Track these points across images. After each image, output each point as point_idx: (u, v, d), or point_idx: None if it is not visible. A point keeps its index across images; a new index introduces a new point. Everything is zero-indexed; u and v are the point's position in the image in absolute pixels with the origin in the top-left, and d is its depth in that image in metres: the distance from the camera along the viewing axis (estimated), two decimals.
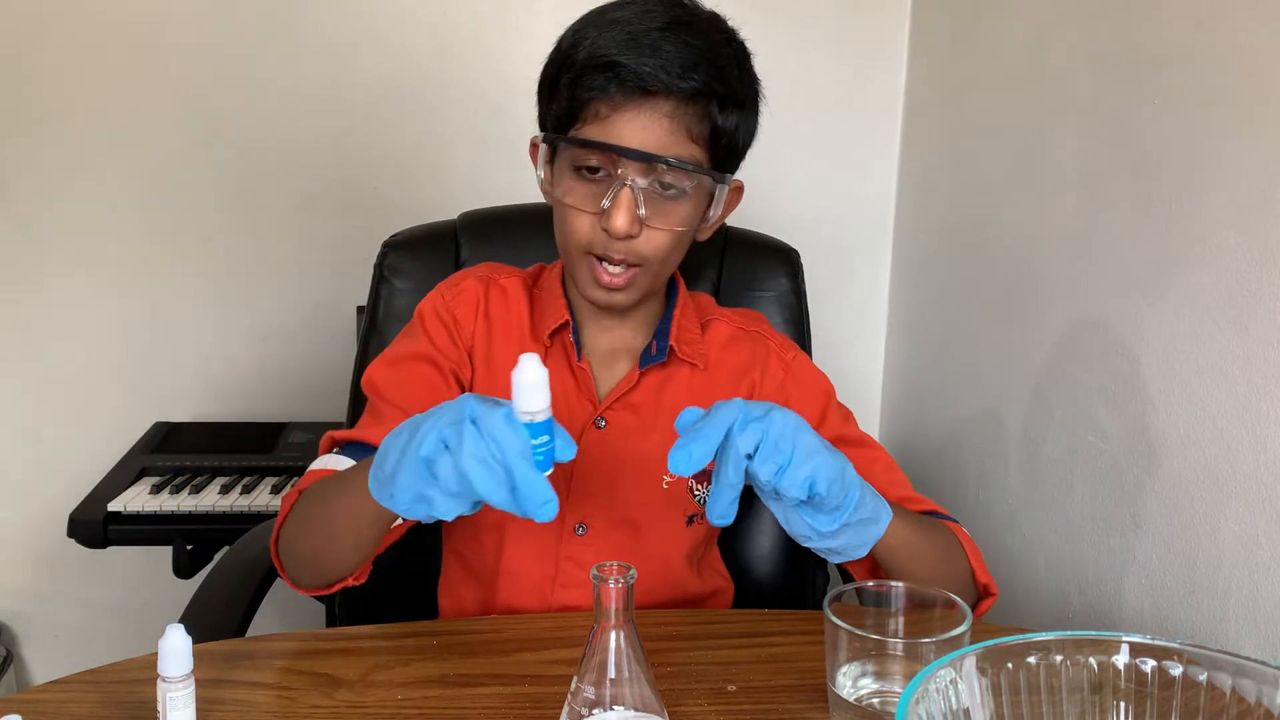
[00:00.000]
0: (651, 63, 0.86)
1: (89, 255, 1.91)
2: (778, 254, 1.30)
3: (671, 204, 0.92)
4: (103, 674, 0.83)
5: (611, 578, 0.66)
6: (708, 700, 0.81)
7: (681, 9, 0.92)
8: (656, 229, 0.92)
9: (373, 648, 0.90)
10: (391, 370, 1.00)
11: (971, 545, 0.98)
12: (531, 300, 1.05)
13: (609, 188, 0.90)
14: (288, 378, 1.98)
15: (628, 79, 0.86)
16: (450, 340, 1.02)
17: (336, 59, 1.85)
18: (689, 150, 0.90)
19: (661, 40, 0.87)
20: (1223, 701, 0.61)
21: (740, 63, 0.95)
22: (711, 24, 0.94)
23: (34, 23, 1.83)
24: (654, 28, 0.88)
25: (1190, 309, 1.12)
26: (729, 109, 0.91)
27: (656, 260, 0.95)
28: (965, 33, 1.72)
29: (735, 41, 0.96)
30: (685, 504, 1.04)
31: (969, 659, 0.62)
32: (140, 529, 1.62)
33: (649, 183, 0.90)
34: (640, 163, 0.88)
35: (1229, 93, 1.07)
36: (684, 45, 0.88)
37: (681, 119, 0.89)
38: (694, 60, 0.87)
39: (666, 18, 0.89)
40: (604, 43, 0.88)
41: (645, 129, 0.88)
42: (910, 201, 1.96)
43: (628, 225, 0.89)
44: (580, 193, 0.92)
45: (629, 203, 0.89)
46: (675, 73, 0.86)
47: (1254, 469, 1.02)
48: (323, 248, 1.93)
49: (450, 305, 1.03)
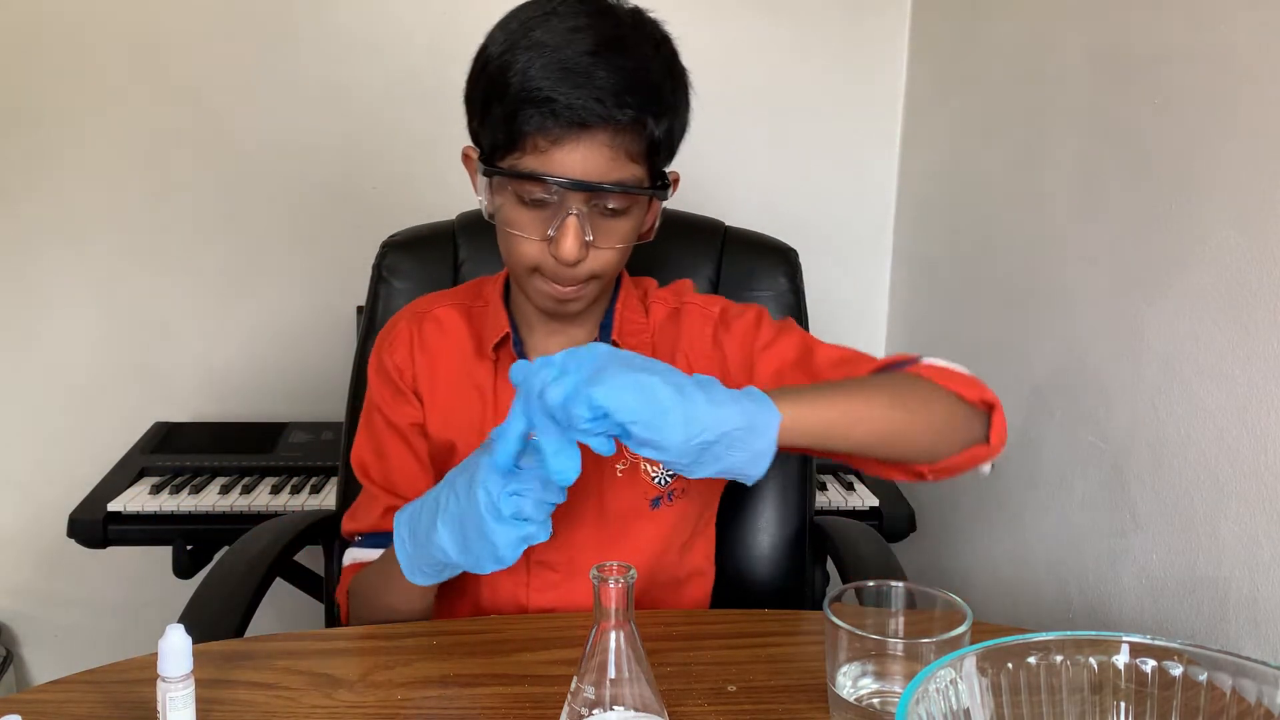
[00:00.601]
0: (585, 95, 0.85)
1: (89, 255, 1.92)
2: (776, 254, 1.30)
3: (617, 222, 0.93)
4: (103, 674, 0.83)
5: (611, 578, 0.66)
6: (708, 700, 0.81)
7: (605, 20, 0.90)
8: (603, 248, 0.93)
9: (373, 648, 0.90)
10: (369, 453, 1.07)
11: (946, 372, 0.91)
12: (472, 318, 1.07)
13: (553, 215, 0.91)
14: (288, 378, 1.98)
15: (563, 114, 0.86)
16: (396, 393, 1.05)
17: (336, 60, 1.85)
18: (630, 171, 0.90)
19: (593, 67, 0.86)
20: (1223, 701, 0.61)
21: (670, 67, 0.94)
22: (638, 32, 0.91)
23: (35, 23, 1.83)
24: (584, 51, 0.86)
25: (1190, 309, 1.12)
26: (663, 120, 0.91)
27: (606, 274, 0.96)
28: (965, 33, 1.72)
29: (662, 44, 0.94)
30: (645, 488, 1.03)
31: (969, 659, 0.62)
32: (140, 529, 1.62)
33: (593, 208, 0.91)
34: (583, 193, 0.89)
35: (1229, 93, 1.07)
36: (615, 71, 0.86)
37: (620, 144, 0.88)
38: (627, 85, 0.87)
39: (595, 38, 0.87)
40: (535, 73, 0.86)
41: (585, 159, 0.88)
42: (910, 201, 1.96)
43: (576, 252, 0.90)
44: (525, 220, 0.92)
45: (575, 230, 0.89)
46: (610, 103, 0.86)
47: (1254, 469, 1.02)
48: (322, 248, 1.94)
49: (385, 357, 1.06)
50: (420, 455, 1.05)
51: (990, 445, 0.90)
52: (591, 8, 0.90)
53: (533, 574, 1.03)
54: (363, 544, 1.06)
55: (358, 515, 1.07)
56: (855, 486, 1.75)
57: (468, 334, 1.06)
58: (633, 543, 1.04)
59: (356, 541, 1.07)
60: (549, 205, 0.91)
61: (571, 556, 1.03)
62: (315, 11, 1.84)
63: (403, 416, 1.05)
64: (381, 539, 1.04)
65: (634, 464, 1.03)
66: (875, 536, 1.28)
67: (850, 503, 1.69)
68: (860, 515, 1.69)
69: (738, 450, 0.73)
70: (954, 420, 0.88)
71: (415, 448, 1.05)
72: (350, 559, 1.06)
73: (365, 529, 1.06)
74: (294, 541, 1.27)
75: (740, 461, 0.74)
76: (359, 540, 1.07)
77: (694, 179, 1.95)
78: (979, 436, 0.91)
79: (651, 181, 0.94)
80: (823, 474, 1.79)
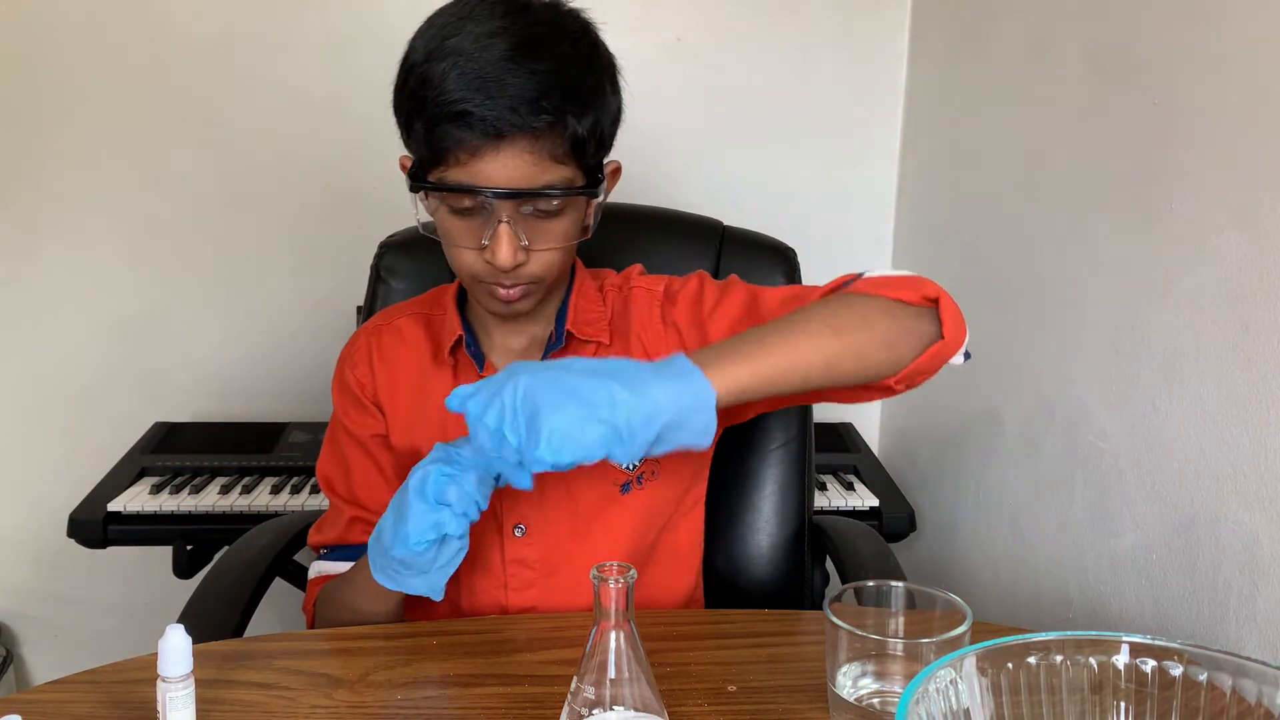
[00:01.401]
0: (500, 105, 0.85)
1: (89, 255, 1.92)
2: (775, 253, 1.30)
3: (552, 223, 0.93)
4: (103, 674, 0.83)
5: (611, 578, 0.66)
6: (708, 700, 0.81)
7: (519, 20, 0.88)
8: (542, 250, 0.93)
9: (373, 648, 0.90)
10: (332, 465, 1.08)
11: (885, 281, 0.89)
12: (431, 325, 1.08)
13: (485, 223, 0.91)
14: (288, 378, 1.98)
15: (479, 126, 0.85)
16: (358, 406, 1.07)
17: (337, 59, 1.85)
18: (556, 173, 0.90)
19: (507, 75, 0.85)
20: (1223, 701, 0.61)
21: (590, 60, 0.92)
22: (554, 29, 0.90)
23: (36, 23, 1.83)
24: (498, 58, 0.86)
25: (1190, 309, 1.12)
26: (586, 116, 0.90)
27: (549, 274, 0.96)
28: (965, 32, 1.72)
29: (581, 38, 0.92)
30: (613, 474, 1.03)
31: (969, 659, 0.62)
32: (140, 529, 1.63)
33: (524, 212, 0.91)
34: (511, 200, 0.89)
35: (1229, 93, 1.07)
36: (530, 75, 0.86)
37: (542, 149, 0.88)
38: (543, 90, 0.86)
39: (508, 42, 0.86)
40: (451, 86, 0.86)
41: (507, 167, 0.87)
42: (910, 201, 1.96)
43: (512, 259, 0.90)
44: (460, 230, 0.93)
45: (508, 237, 0.90)
46: (526, 111, 0.85)
47: (1254, 469, 1.02)
48: (322, 248, 1.94)
49: (347, 372, 1.08)
50: (384, 467, 1.07)
51: (945, 339, 0.87)
52: (507, 7, 0.89)
53: (509, 573, 1.03)
54: (328, 557, 1.07)
55: (324, 528, 1.09)
56: (855, 486, 1.75)
57: (426, 342, 1.07)
58: (606, 530, 1.04)
59: (322, 554, 1.08)
60: (480, 214, 0.91)
61: (546, 553, 1.03)
62: (316, 12, 1.84)
63: (365, 429, 1.06)
64: (347, 551, 1.06)
65: None
66: (875, 536, 1.28)
67: (850, 502, 1.69)
68: (860, 515, 1.69)
69: (682, 432, 0.75)
70: (899, 327, 0.86)
71: (379, 460, 1.07)
72: (316, 571, 1.07)
73: (330, 541, 1.07)
74: (294, 541, 1.27)
75: (686, 440, 0.75)
76: (324, 553, 1.08)
77: (693, 179, 1.96)
78: (934, 334, 0.88)
79: (587, 176, 0.93)
80: (822, 474, 1.79)
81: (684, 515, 1.10)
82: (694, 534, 1.12)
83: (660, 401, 0.74)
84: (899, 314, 0.87)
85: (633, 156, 1.93)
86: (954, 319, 0.88)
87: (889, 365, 0.86)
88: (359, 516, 1.06)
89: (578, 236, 0.96)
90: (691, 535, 1.12)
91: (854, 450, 1.88)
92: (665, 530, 1.08)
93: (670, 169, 1.95)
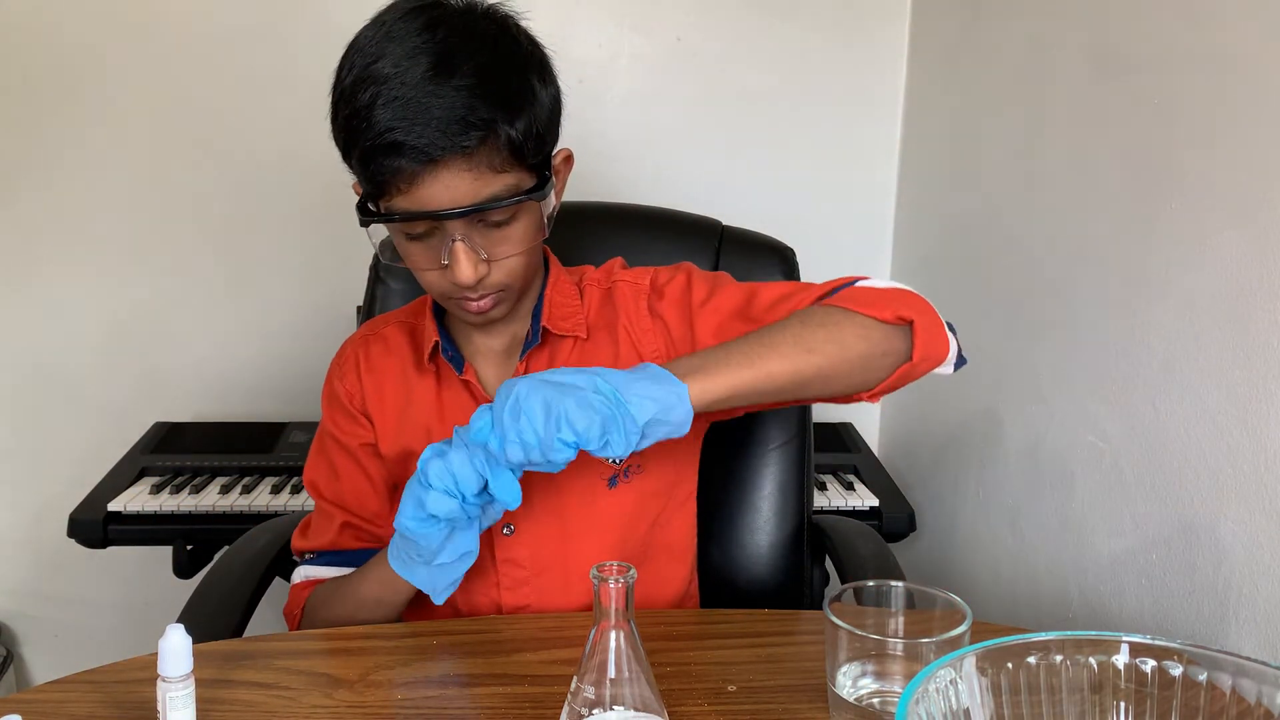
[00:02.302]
0: (428, 132, 0.85)
1: (89, 255, 1.91)
2: (774, 252, 1.30)
3: (508, 230, 0.93)
4: (103, 674, 0.84)
5: (611, 578, 0.66)
6: (708, 700, 0.81)
7: (436, 33, 0.87)
8: (504, 258, 0.94)
9: (373, 648, 0.90)
10: (321, 472, 1.09)
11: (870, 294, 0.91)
12: (415, 334, 1.09)
13: (442, 243, 0.91)
14: (288, 378, 1.98)
15: (411, 155, 0.86)
16: (346, 416, 1.08)
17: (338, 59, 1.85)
18: (500, 182, 0.89)
19: (430, 99, 0.85)
20: (1223, 701, 0.61)
21: (512, 61, 0.91)
22: (470, 35, 0.89)
23: (37, 23, 1.83)
24: (418, 79, 0.85)
25: (1190, 309, 1.12)
26: (519, 119, 0.89)
27: (516, 280, 0.97)
28: (965, 33, 1.72)
29: (501, 38, 0.91)
30: (599, 468, 1.03)
31: (969, 659, 0.62)
32: (140, 529, 1.63)
33: (476, 227, 0.91)
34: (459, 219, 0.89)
35: (1229, 93, 1.07)
36: (453, 93, 0.85)
37: (480, 163, 0.88)
38: (468, 106, 0.85)
39: (427, 60, 0.86)
40: (378, 116, 0.86)
41: (449, 188, 0.87)
42: (910, 201, 1.96)
43: (473, 274, 0.91)
44: (418, 253, 0.94)
45: (466, 255, 0.90)
46: (454, 131, 0.85)
47: (1254, 469, 1.02)
48: (322, 248, 1.93)
49: (336, 384, 1.09)
50: (372, 476, 1.07)
51: (913, 361, 0.90)
52: (424, 21, 0.88)
53: (501, 572, 1.03)
54: (315, 562, 1.08)
55: (310, 534, 1.09)
56: (855, 486, 1.75)
57: (410, 350, 1.08)
58: (595, 525, 1.04)
59: (308, 559, 1.08)
60: (435, 235, 0.92)
61: (536, 551, 1.03)
62: (317, 11, 1.84)
63: (353, 438, 1.07)
64: (336, 557, 1.07)
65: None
66: (875, 536, 1.28)
67: (850, 502, 1.69)
68: (860, 515, 1.69)
69: (662, 427, 0.80)
70: (870, 348, 0.88)
71: (367, 469, 1.07)
72: (301, 576, 1.07)
73: (320, 547, 1.08)
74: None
75: (666, 433, 0.81)
76: (311, 558, 1.08)
77: (692, 178, 1.96)
78: (907, 353, 0.90)
79: (535, 175, 0.93)
80: (822, 474, 1.79)
81: (676, 510, 1.10)
82: (687, 529, 1.12)
83: (641, 397, 0.79)
84: (873, 335, 0.89)
85: (632, 156, 1.95)
86: (928, 339, 0.90)
87: (859, 384, 0.90)
88: (349, 522, 1.06)
89: (537, 237, 0.96)
90: (685, 531, 1.12)
91: (854, 450, 1.88)
92: (657, 526, 1.08)
93: (670, 169, 1.95)
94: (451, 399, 1.05)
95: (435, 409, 1.05)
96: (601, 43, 1.90)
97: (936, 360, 0.92)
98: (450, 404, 1.05)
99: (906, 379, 0.92)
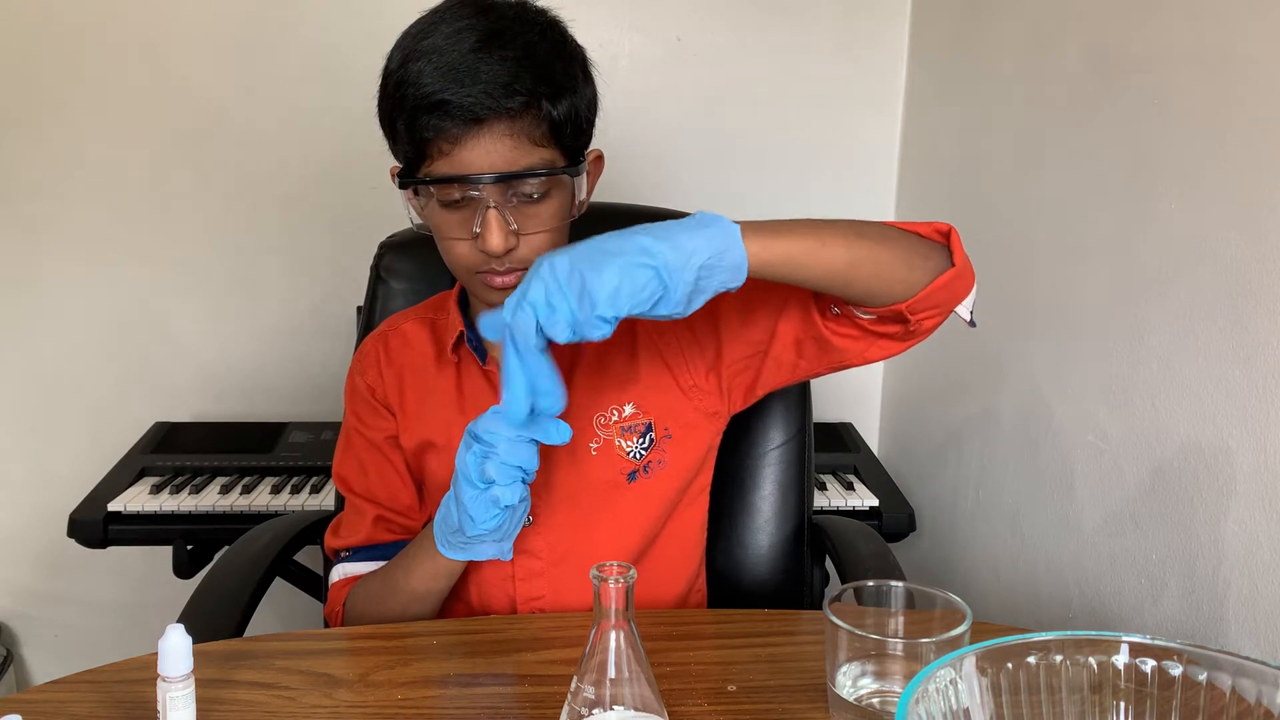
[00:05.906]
0: (475, 91, 0.88)
1: (89, 255, 1.92)
2: None
3: (539, 206, 0.95)
4: (103, 674, 0.84)
5: (611, 578, 0.66)
6: (708, 700, 0.81)
7: (486, 15, 0.92)
8: (532, 234, 0.95)
9: (373, 648, 0.90)
10: (350, 468, 1.10)
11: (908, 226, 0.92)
12: (435, 329, 1.10)
13: (474, 212, 0.93)
14: (288, 378, 1.98)
15: (457, 114, 0.88)
16: (371, 410, 1.09)
17: (337, 58, 1.85)
18: (538, 155, 0.92)
19: (478, 63, 0.89)
20: (1223, 701, 0.61)
21: (558, 49, 0.95)
22: (520, 21, 0.94)
23: (36, 23, 1.83)
24: (467, 50, 0.89)
25: (1190, 309, 1.12)
26: (561, 100, 0.92)
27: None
28: (965, 33, 1.72)
29: (548, 29, 0.96)
30: (620, 464, 1.04)
31: (969, 659, 0.62)
32: (140, 529, 1.63)
33: (510, 197, 0.93)
34: (495, 185, 0.92)
35: (1229, 93, 1.07)
36: (500, 62, 0.89)
37: (520, 132, 0.91)
38: (514, 74, 0.89)
39: (476, 35, 0.90)
40: (426, 80, 0.89)
41: (489, 153, 0.90)
42: (910, 201, 1.96)
43: (502, 243, 0.92)
44: (451, 223, 0.95)
45: (498, 222, 0.92)
46: (499, 94, 0.88)
47: (1254, 469, 1.02)
48: (322, 248, 1.94)
49: (357, 379, 1.10)
50: (399, 467, 1.08)
51: (956, 267, 0.89)
52: (475, 8, 0.93)
53: (516, 564, 1.04)
54: (352, 558, 1.08)
55: (342, 531, 1.09)
56: (855, 486, 1.75)
57: (430, 344, 1.09)
58: (613, 519, 1.05)
59: (344, 557, 1.08)
60: (469, 204, 0.93)
61: (553, 542, 1.04)
62: (316, 11, 1.84)
63: (378, 431, 1.09)
64: (372, 552, 1.07)
65: (607, 441, 1.04)
66: (875, 536, 1.28)
67: (850, 502, 1.69)
68: (860, 515, 1.69)
69: (717, 273, 0.79)
70: (915, 251, 0.89)
71: (393, 460, 1.09)
72: (340, 574, 1.08)
73: (356, 543, 1.08)
74: (294, 541, 1.27)
75: (722, 280, 0.80)
76: (346, 555, 1.08)
77: (692, 178, 1.96)
78: (946, 266, 0.90)
79: (568, 158, 0.95)
80: (822, 473, 1.79)
81: (690, 504, 1.11)
82: (699, 522, 1.14)
83: (692, 244, 0.78)
84: (914, 241, 0.90)
85: (633, 156, 1.95)
86: (964, 258, 0.90)
87: (904, 284, 0.88)
88: (381, 515, 1.07)
89: (566, 219, 0.98)
90: (697, 523, 1.13)
91: (854, 450, 1.88)
92: (671, 519, 1.09)
93: (670, 168, 1.95)
94: (472, 391, 1.06)
95: (455, 401, 1.06)
96: (602, 43, 1.90)
97: (968, 281, 0.91)
98: (470, 396, 1.06)
99: (950, 289, 0.89)
